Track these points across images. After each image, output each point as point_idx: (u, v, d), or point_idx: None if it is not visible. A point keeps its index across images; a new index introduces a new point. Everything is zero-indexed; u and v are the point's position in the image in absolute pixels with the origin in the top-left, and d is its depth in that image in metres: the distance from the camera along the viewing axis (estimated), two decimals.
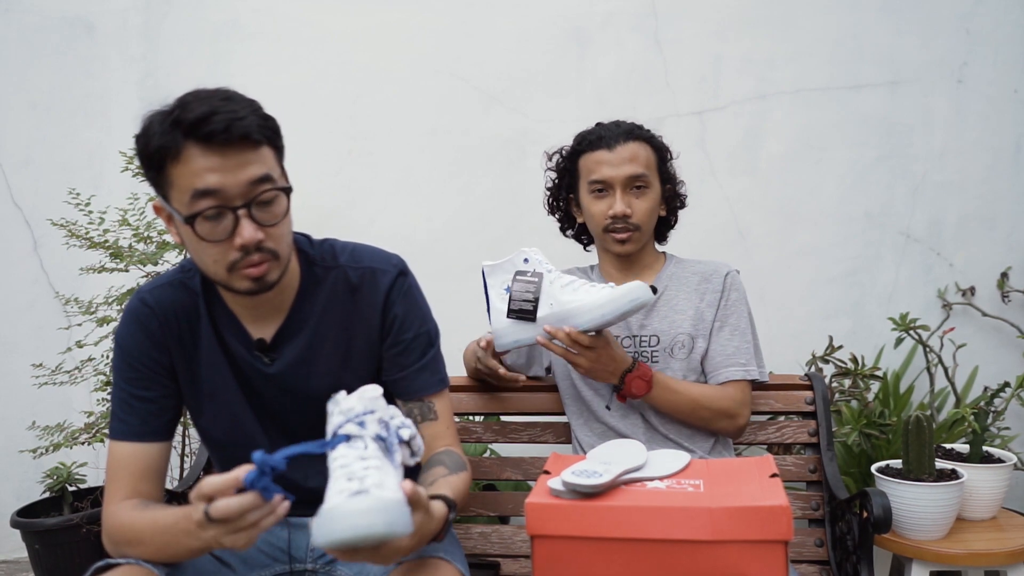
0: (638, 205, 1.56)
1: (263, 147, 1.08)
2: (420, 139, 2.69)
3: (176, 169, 1.04)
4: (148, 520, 1.08)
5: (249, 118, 1.05)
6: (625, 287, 1.37)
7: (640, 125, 1.62)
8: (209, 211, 1.04)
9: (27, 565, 2.35)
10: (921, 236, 2.57)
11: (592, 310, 1.38)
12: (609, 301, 1.37)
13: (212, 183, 1.03)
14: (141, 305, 1.22)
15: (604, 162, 1.56)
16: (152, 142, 1.05)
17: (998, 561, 1.68)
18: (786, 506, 1.05)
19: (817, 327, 2.53)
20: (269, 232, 1.09)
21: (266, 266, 1.10)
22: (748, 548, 1.07)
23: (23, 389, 2.54)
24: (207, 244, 1.07)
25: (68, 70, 2.73)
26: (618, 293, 1.36)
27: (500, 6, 2.65)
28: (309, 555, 1.29)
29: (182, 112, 1.02)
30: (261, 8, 2.70)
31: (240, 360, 1.22)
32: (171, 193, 1.07)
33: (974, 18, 2.52)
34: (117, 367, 1.22)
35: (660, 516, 1.09)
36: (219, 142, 1.02)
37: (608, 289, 1.39)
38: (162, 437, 1.21)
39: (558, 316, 1.41)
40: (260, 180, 1.06)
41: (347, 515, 0.81)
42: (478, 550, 1.64)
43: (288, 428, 1.25)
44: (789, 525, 1.06)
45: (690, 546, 1.07)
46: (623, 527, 1.09)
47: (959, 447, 1.96)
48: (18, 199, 2.75)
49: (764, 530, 1.06)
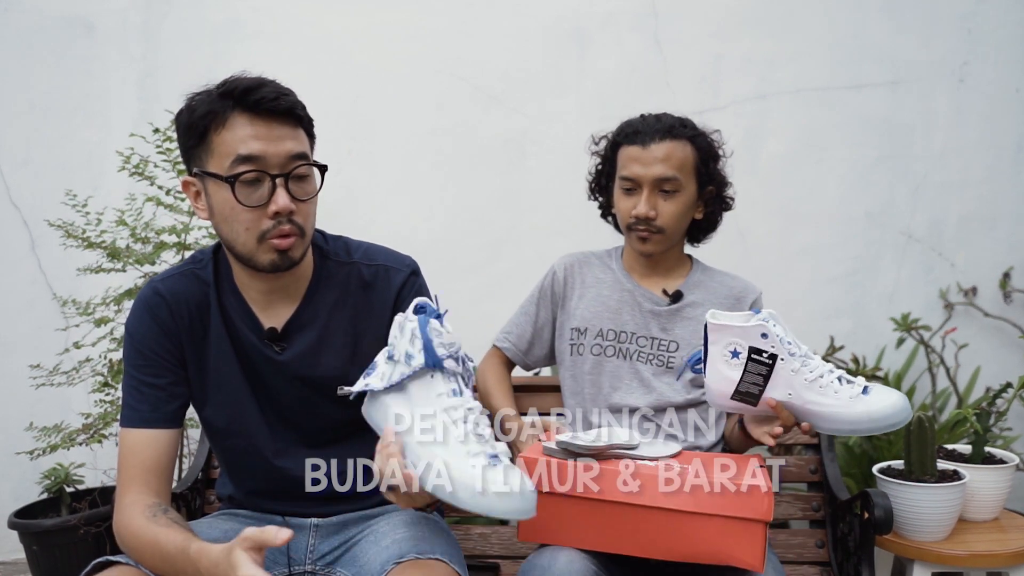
0: (664, 207, 1.49)
1: (301, 129, 1.16)
2: (420, 139, 2.69)
3: (220, 136, 1.11)
4: (151, 537, 1.10)
5: (296, 99, 1.15)
6: (886, 407, 1.21)
7: (687, 122, 1.53)
8: (249, 174, 1.10)
9: (25, 566, 2.35)
10: (922, 236, 2.57)
11: (840, 423, 1.23)
12: (868, 421, 1.21)
13: (256, 150, 1.10)
14: (153, 294, 1.24)
15: (635, 159, 1.50)
16: (198, 111, 1.11)
17: (1000, 562, 1.67)
18: (768, 488, 1.11)
19: (818, 327, 2.52)
20: (300, 207, 1.14)
21: (293, 239, 1.14)
22: (728, 524, 1.12)
23: (21, 390, 2.54)
24: (242, 210, 1.11)
25: (67, 70, 2.73)
26: (877, 415, 1.20)
27: (500, 6, 2.65)
28: (308, 556, 1.28)
29: (232, 83, 1.11)
30: (261, 8, 2.70)
31: (249, 349, 1.24)
32: (210, 160, 1.12)
33: (975, 18, 2.52)
34: (128, 355, 1.24)
35: (645, 483, 1.15)
36: (266, 112, 1.11)
37: (864, 403, 1.21)
38: (171, 424, 1.23)
39: (798, 411, 1.25)
40: (298, 156, 1.14)
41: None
42: (478, 551, 1.64)
43: (292, 420, 1.27)
44: (770, 506, 1.11)
45: (672, 516, 1.13)
46: (609, 489, 1.15)
47: (961, 448, 1.95)
48: (16, 199, 2.74)
49: (744, 508, 1.12)
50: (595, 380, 1.54)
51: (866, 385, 1.23)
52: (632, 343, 1.53)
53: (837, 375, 1.24)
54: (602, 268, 1.62)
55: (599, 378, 1.54)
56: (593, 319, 1.55)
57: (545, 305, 1.64)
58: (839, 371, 1.26)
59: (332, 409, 1.25)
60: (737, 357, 1.25)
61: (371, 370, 1.03)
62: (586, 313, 1.56)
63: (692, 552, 1.14)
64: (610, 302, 1.56)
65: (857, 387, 1.23)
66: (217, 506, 1.45)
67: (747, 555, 1.12)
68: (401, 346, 1.00)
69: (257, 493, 1.32)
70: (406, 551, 1.14)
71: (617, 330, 1.54)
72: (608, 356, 1.53)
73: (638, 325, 1.54)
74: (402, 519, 1.25)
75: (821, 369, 1.24)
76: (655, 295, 1.56)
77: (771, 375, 1.23)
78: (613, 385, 1.52)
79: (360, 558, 1.22)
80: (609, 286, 1.58)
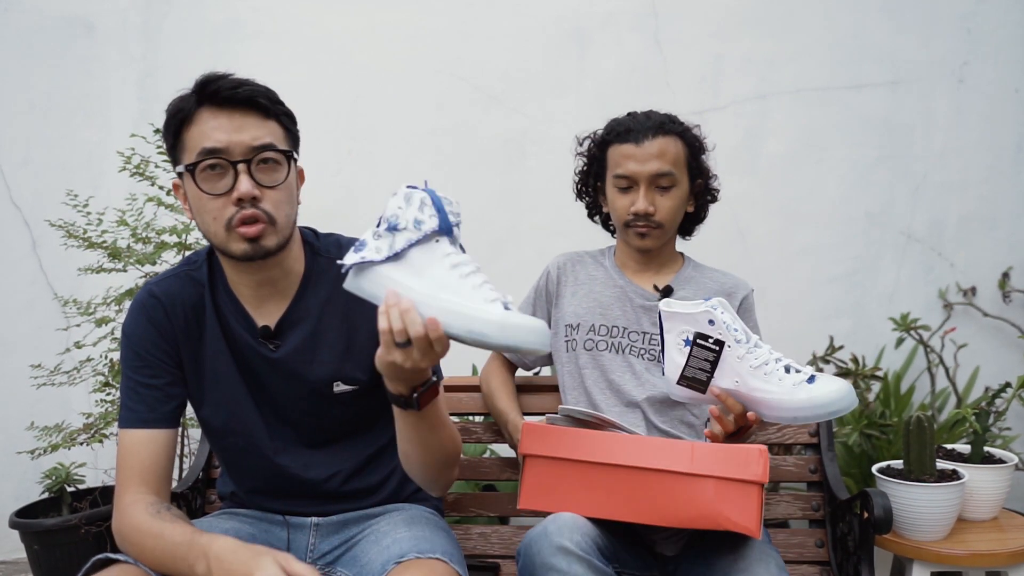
0: (662, 203, 1.52)
1: (272, 121, 1.16)
2: (420, 139, 2.69)
3: (189, 132, 1.14)
4: (156, 531, 1.10)
5: (259, 88, 1.15)
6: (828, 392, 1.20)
7: (673, 118, 1.57)
8: (208, 160, 1.12)
9: (26, 566, 2.35)
10: (922, 236, 2.57)
11: (783, 410, 1.22)
12: (809, 407, 1.20)
13: (218, 140, 1.12)
14: (148, 296, 1.26)
15: (630, 156, 1.52)
16: (170, 112, 1.15)
17: (999, 562, 1.67)
18: (764, 449, 1.14)
19: (817, 327, 2.53)
20: (267, 193, 1.14)
21: (262, 227, 1.14)
22: (724, 485, 1.14)
23: (22, 390, 2.54)
24: (208, 199, 1.13)
25: (67, 70, 2.73)
26: (820, 401, 1.19)
27: (500, 6, 2.65)
28: (309, 555, 1.28)
29: (198, 80, 1.13)
30: (261, 8, 2.70)
31: (244, 348, 1.25)
32: (183, 157, 1.15)
33: (975, 18, 2.52)
34: (125, 357, 1.25)
35: (644, 445, 1.19)
36: (226, 101, 1.12)
37: (806, 390, 1.21)
38: (168, 424, 1.24)
39: (744, 399, 1.25)
40: (263, 145, 1.14)
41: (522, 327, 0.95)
42: (478, 551, 1.64)
43: (289, 417, 1.27)
44: (765, 467, 1.13)
45: (669, 477, 1.16)
46: (609, 452, 1.18)
47: (960, 447, 1.95)
48: (17, 199, 2.74)
49: (740, 469, 1.14)
50: (591, 375, 1.56)
51: (812, 374, 1.24)
52: (624, 337, 1.55)
53: (784, 364, 1.25)
54: (595, 266, 1.64)
55: (594, 372, 1.55)
56: (585, 315, 1.57)
57: (541, 304, 1.66)
58: (787, 360, 1.26)
59: (329, 406, 1.25)
60: (688, 345, 1.27)
61: (360, 247, 1.03)
62: (579, 309, 1.58)
63: (689, 516, 1.15)
64: (602, 298, 1.58)
65: (803, 375, 1.22)
66: (218, 505, 1.45)
67: (743, 518, 1.13)
68: (407, 215, 1.02)
69: (257, 491, 1.32)
70: (407, 550, 1.14)
71: (609, 325, 1.56)
72: (601, 351, 1.55)
73: (629, 320, 1.56)
74: (403, 518, 1.26)
75: (767, 357, 1.24)
76: (646, 291, 1.58)
77: (718, 362, 1.25)
78: (608, 379, 1.54)
79: (361, 558, 1.22)
80: (601, 283, 1.60)
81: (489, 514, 1.69)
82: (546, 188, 2.63)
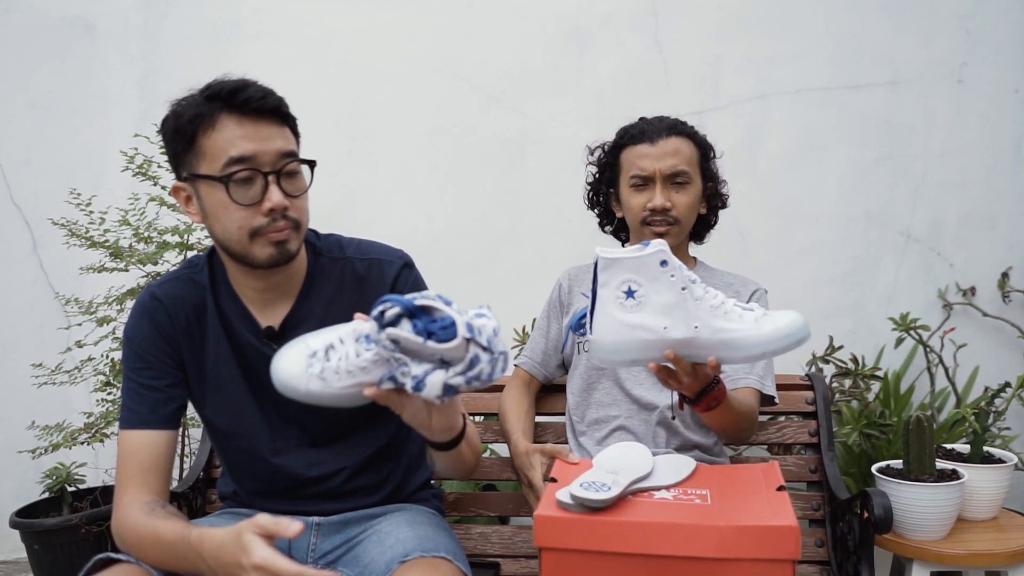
0: (678, 199, 1.54)
1: (287, 127, 1.18)
2: (420, 139, 2.69)
3: (210, 138, 1.12)
4: (150, 530, 1.11)
5: (280, 97, 1.17)
6: (790, 322, 1.11)
7: (683, 121, 1.60)
8: (242, 173, 1.12)
9: (26, 565, 2.35)
10: (921, 236, 2.57)
11: (754, 346, 1.11)
12: (780, 338, 1.10)
13: (247, 150, 1.12)
14: (150, 299, 1.26)
15: (646, 155, 1.55)
16: (184, 115, 1.13)
17: (999, 562, 1.68)
18: (795, 526, 1.04)
19: (817, 327, 2.50)
20: (292, 203, 1.16)
21: (288, 232, 1.16)
22: (755, 566, 1.06)
23: (23, 389, 2.54)
24: (236, 208, 1.13)
25: (68, 70, 2.73)
26: (787, 330, 1.10)
27: (500, 6, 2.65)
28: (309, 555, 1.29)
29: (218, 86, 1.12)
30: (262, 8, 2.70)
31: (247, 350, 1.25)
32: (200, 163, 1.14)
33: (974, 18, 2.52)
34: (126, 359, 1.26)
35: (668, 532, 1.08)
36: (253, 111, 1.12)
37: (771, 321, 1.12)
38: (169, 425, 1.24)
39: (706, 344, 1.12)
40: (287, 153, 1.16)
41: None
42: (478, 550, 1.64)
43: (292, 418, 1.27)
44: (797, 545, 1.05)
45: (697, 563, 1.07)
46: (631, 542, 1.08)
47: (960, 447, 1.96)
48: (18, 199, 2.74)
49: (772, 549, 1.05)
50: (602, 379, 1.57)
51: (764, 310, 1.14)
52: None
53: (732, 302, 1.14)
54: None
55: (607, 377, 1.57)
56: None
57: (555, 316, 1.69)
58: (731, 299, 1.16)
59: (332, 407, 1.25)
60: (633, 296, 1.11)
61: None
62: None
63: None
64: None
65: (759, 310, 1.13)
66: (219, 505, 1.45)
67: None
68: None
69: (258, 492, 1.32)
70: (411, 550, 1.15)
71: None
72: None
73: None
74: (405, 519, 1.26)
75: (721, 297, 1.14)
76: None
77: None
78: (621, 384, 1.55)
79: (363, 558, 1.22)
80: None
81: (489, 514, 1.69)
82: (546, 188, 2.64)
